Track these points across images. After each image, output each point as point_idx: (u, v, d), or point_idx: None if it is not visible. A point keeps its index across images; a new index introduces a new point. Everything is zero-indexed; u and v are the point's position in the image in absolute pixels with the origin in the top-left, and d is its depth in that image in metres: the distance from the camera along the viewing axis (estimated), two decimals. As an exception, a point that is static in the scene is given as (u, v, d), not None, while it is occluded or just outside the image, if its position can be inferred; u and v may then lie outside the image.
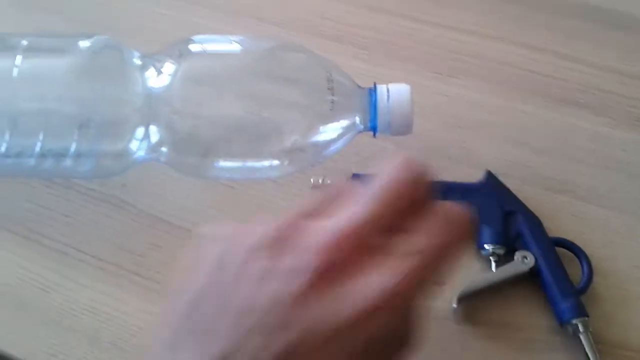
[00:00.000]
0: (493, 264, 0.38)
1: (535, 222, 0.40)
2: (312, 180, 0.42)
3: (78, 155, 0.39)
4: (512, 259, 0.38)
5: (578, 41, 0.51)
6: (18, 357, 0.37)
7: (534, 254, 0.38)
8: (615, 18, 0.53)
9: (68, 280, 0.40)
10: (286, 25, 0.53)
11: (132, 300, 0.39)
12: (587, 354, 0.35)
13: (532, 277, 0.38)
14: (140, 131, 0.39)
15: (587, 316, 0.36)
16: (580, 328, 0.36)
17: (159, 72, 0.37)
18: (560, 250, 0.39)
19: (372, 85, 0.39)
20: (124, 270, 0.40)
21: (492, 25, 0.52)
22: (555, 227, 0.40)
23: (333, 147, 0.39)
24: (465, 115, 0.46)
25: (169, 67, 0.37)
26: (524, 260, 0.38)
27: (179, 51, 0.38)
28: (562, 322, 0.37)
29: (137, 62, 0.38)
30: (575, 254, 0.39)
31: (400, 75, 0.48)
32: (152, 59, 0.38)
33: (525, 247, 0.38)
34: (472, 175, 0.42)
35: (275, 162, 0.39)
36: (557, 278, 0.38)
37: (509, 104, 0.47)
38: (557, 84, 0.48)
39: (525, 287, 0.38)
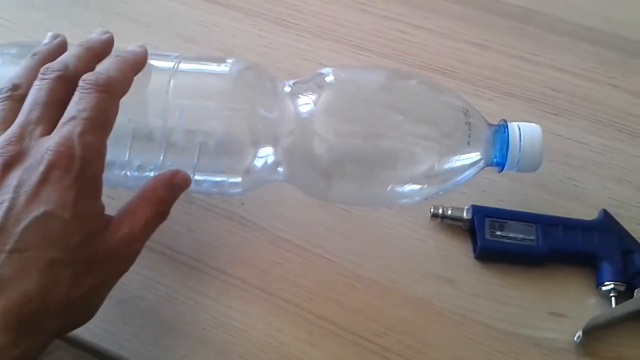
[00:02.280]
0: (613, 301, 0.40)
1: None
2: (432, 209, 0.44)
3: (202, 170, 0.41)
4: (631, 296, 0.39)
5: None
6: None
7: None
8: None
9: (196, 293, 0.41)
10: (393, 58, 0.55)
11: (258, 314, 0.40)
12: None
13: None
14: (266, 150, 0.41)
15: None
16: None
17: (305, 100, 0.39)
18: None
19: (501, 122, 0.41)
20: (248, 285, 0.42)
21: (590, 68, 0.54)
22: (669, 267, 0.41)
23: (460, 179, 0.41)
24: (573, 153, 0.48)
25: (311, 96, 0.39)
26: None
27: (317, 81, 0.41)
28: None
29: (287, 89, 0.41)
30: None
31: (508, 111, 0.50)
32: (299, 87, 0.40)
33: None
34: (584, 212, 0.44)
35: (402, 190, 0.41)
36: None
37: (613, 144, 0.49)
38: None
39: (643, 325, 0.39)
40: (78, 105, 0.33)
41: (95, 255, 0.33)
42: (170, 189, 0.37)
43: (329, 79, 0.41)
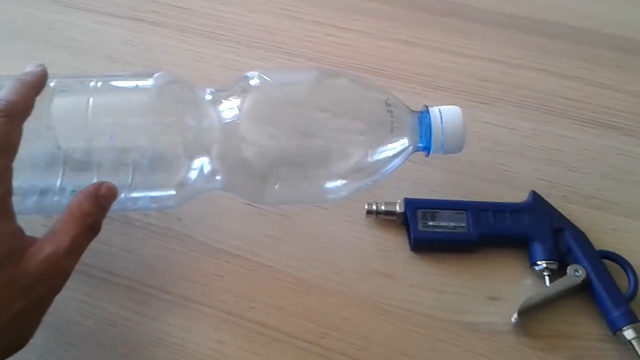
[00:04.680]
0: (547, 279, 0.40)
1: (582, 237, 0.41)
2: (366, 206, 0.44)
3: (137, 187, 0.41)
4: (564, 273, 0.40)
5: (603, 68, 0.54)
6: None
7: (584, 267, 0.40)
8: (635, 45, 0.55)
9: (135, 314, 0.41)
10: (323, 62, 0.55)
11: (200, 329, 0.40)
12: None
13: (584, 289, 0.40)
14: (200, 161, 0.41)
15: (639, 322, 0.38)
16: (633, 334, 0.37)
17: (228, 106, 0.40)
18: (607, 262, 0.41)
19: (422, 108, 0.42)
20: (188, 301, 0.41)
21: (516, 55, 0.55)
22: (600, 242, 0.42)
23: (390, 168, 0.41)
24: (502, 140, 0.49)
25: (235, 101, 0.40)
26: (575, 274, 0.40)
27: (241, 86, 0.41)
28: (614, 329, 0.38)
29: (208, 97, 0.41)
30: (621, 265, 0.41)
31: (438, 105, 0.50)
32: (220, 94, 0.41)
33: (576, 261, 0.40)
34: (516, 196, 0.44)
35: (335, 184, 0.41)
36: (607, 288, 0.39)
37: (539, 126, 0.50)
38: (586, 108, 0.51)
39: (578, 299, 0.40)
40: None
41: (18, 278, 0.33)
42: (96, 202, 0.37)
43: (253, 82, 0.41)
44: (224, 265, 0.43)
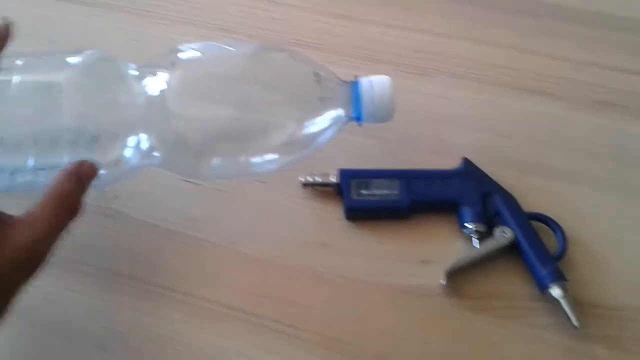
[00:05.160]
0: (476, 241, 0.41)
1: (511, 200, 0.43)
2: (302, 178, 0.44)
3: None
4: (493, 235, 0.41)
5: (533, 35, 0.55)
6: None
7: (512, 229, 0.41)
8: (563, 11, 0.57)
9: (70, 291, 0.41)
10: (261, 38, 0.55)
11: (131, 302, 0.40)
12: (567, 316, 0.38)
13: (512, 250, 0.41)
14: (135, 138, 0.41)
15: (566, 280, 0.39)
16: (560, 292, 0.39)
17: (155, 81, 0.39)
18: (536, 224, 0.42)
19: (354, 79, 0.42)
20: (124, 277, 0.42)
21: (451, 26, 0.56)
22: (530, 204, 0.43)
23: (322, 139, 0.42)
24: (435, 108, 0.50)
25: (162, 76, 0.39)
26: (503, 235, 0.41)
27: (169, 60, 0.41)
28: (542, 288, 0.39)
29: (133, 72, 0.40)
30: (550, 226, 0.42)
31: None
32: (146, 68, 0.40)
33: (504, 223, 0.41)
34: (450, 163, 0.45)
35: (270, 157, 0.41)
36: (535, 248, 0.41)
37: (472, 95, 0.51)
38: (517, 75, 0.52)
39: (507, 260, 0.41)
40: None
41: None
42: (76, 181, 0.36)
43: (182, 55, 0.41)
44: (162, 242, 0.43)
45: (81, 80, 0.40)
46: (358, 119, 0.43)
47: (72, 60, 0.41)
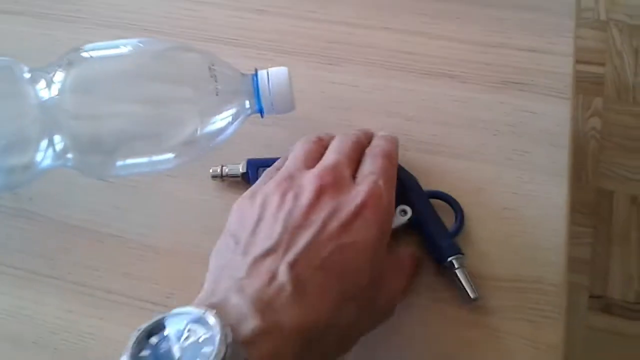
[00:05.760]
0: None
1: (411, 180, 0.44)
2: (211, 170, 0.46)
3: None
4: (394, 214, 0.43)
5: (444, 21, 0.56)
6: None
7: (412, 207, 0.43)
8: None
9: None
10: (175, 35, 0.56)
11: (49, 301, 0.42)
12: (464, 288, 0.40)
13: (413, 227, 0.42)
14: (43, 142, 0.42)
15: (462, 254, 0.41)
16: (456, 264, 0.40)
17: (50, 82, 0.40)
18: (436, 202, 0.44)
19: (253, 72, 0.43)
20: (38, 275, 0.43)
21: (359, 15, 0.57)
22: (433, 183, 0.45)
23: (226, 133, 0.43)
24: (346, 97, 0.51)
25: (59, 76, 0.40)
26: (402, 213, 0.42)
27: (68, 60, 0.41)
28: (440, 262, 0.41)
29: (27, 75, 0.41)
30: (448, 202, 0.44)
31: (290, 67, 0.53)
32: (41, 71, 0.41)
33: (404, 202, 0.43)
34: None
35: (172, 155, 0.42)
36: (433, 224, 0.42)
37: (382, 81, 0.52)
38: (421, 60, 0.53)
39: (408, 237, 0.43)
40: (373, 165, 0.39)
41: (370, 303, 0.36)
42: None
43: (78, 55, 0.42)
44: (73, 239, 0.44)
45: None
46: (260, 110, 0.44)
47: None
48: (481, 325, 0.40)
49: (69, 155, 0.42)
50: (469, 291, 0.40)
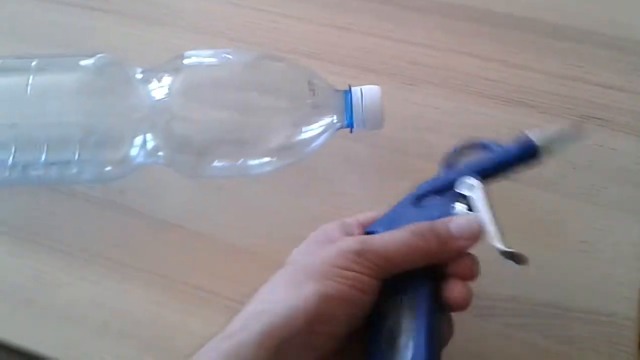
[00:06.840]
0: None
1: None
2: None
3: (83, 163, 0.44)
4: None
5: (523, 51, 0.57)
6: (32, 349, 0.41)
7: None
8: (555, 29, 0.59)
9: (77, 278, 0.44)
10: (259, 45, 0.58)
11: (135, 291, 0.44)
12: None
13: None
14: (138, 139, 0.44)
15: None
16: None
17: (159, 85, 0.42)
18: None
19: (347, 88, 0.45)
20: (127, 267, 0.45)
21: (438, 38, 0.58)
22: (507, 212, 0.45)
23: (315, 144, 0.45)
24: (427, 117, 0.52)
25: (167, 80, 0.42)
26: None
27: (174, 65, 0.44)
28: None
29: (139, 76, 0.43)
30: None
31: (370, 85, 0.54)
32: (151, 73, 0.43)
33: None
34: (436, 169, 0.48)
35: (266, 160, 0.44)
36: None
37: (463, 106, 0.53)
38: (500, 86, 0.54)
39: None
40: None
41: None
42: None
43: (186, 61, 0.44)
44: (159, 234, 0.46)
45: (92, 82, 0.43)
46: (350, 125, 0.45)
47: (84, 63, 0.45)
48: (553, 354, 0.41)
49: (160, 154, 0.44)
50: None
